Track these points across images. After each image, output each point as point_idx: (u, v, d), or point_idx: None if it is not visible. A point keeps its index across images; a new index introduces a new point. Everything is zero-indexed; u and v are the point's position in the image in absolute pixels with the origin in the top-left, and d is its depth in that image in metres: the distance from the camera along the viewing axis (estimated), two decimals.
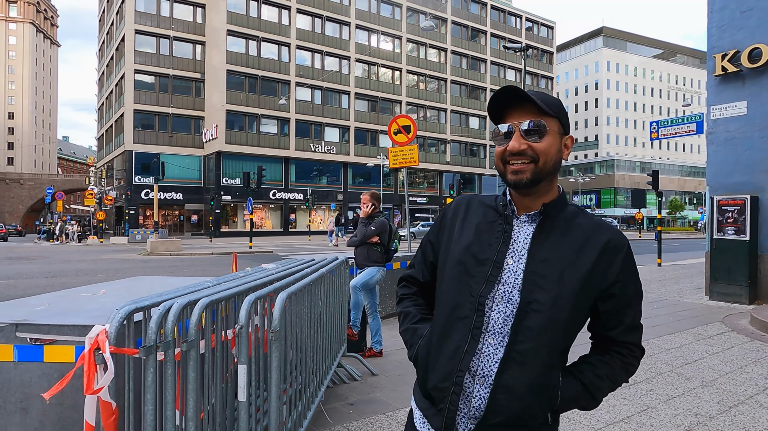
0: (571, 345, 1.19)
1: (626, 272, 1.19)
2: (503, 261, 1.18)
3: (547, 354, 1.13)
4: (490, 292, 1.16)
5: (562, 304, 1.12)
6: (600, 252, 1.16)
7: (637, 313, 1.22)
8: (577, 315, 1.16)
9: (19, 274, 13.34)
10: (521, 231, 1.20)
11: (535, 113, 1.17)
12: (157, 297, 1.99)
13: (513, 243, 1.19)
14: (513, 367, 1.12)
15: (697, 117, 11.75)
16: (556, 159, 1.20)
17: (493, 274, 1.17)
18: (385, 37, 46.83)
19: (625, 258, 1.19)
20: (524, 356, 1.12)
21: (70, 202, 75.18)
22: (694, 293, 9.51)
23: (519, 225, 1.21)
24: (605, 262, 1.17)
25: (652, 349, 5.46)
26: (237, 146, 38.85)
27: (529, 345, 1.12)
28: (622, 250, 1.19)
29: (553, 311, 1.12)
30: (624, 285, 1.19)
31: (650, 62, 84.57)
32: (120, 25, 41.87)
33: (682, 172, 79.11)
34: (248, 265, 4.41)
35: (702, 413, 3.67)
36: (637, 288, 1.22)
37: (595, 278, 1.16)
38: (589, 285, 1.15)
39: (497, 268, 1.17)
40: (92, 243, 31.34)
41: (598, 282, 1.17)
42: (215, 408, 2.21)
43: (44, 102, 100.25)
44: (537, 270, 1.14)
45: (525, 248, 1.18)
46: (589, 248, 1.16)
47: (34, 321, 2.23)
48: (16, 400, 2.21)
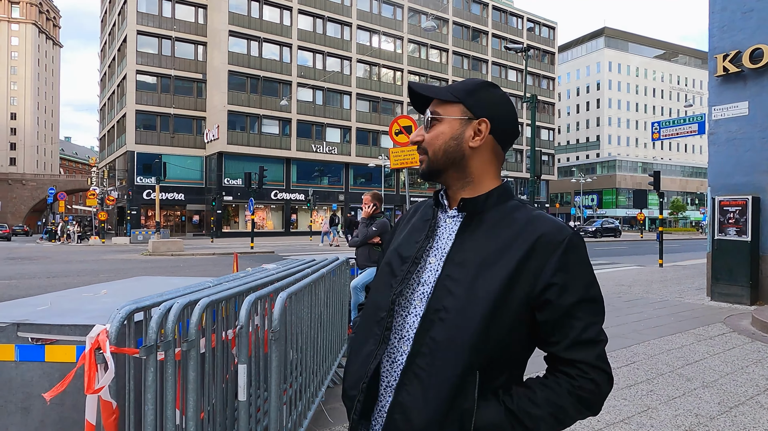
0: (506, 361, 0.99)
1: (564, 274, 0.97)
2: (423, 259, 1.06)
3: (453, 371, 0.95)
4: (407, 291, 1.05)
5: (471, 313, 0.95)
6: (528, 250, 0.98)
7: (588, 325, 0.98)
8: (499, 326, 0.96)
9: (21, 274, 13.37)
10: (447, 227, 1.08)
11: (437, 102, 1.09)
12: (157, 297, 1.99)
13: (438, 239, 1.07)
14: (413, 382, 0.97)
15: (698, 117, 11.74)
16: (452, 147, 1.06)
17: (410, 271, 1.05)
18: (386, 38, 46.85)
19: (563, 257, 0.98)
20: (426, 371, 0.96)
21: (72, 202, 75.31)
22: (696, 294, 9.50)
23: (447, 220, 1.09)
24: (535, 262, 0.97)
25: (653, 350, 5.46)
26: (238, 146, 38.89)
27: (430, 359, 0.96)
28: (558, 246, 0.98)
29: (461, 320, 0.96)
30: (561, 289, 0.97)
31: (652, 63, 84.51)
32: (122, 25, 41.95)
33: (684, 173, 79.06)
34: (249, 266, 4.42)
35: (703, 414, 3.67)
36: (586, 294, 0.98)
37: (520, 281, 0.97)
38: (512, 291, 0.96)
39: (415, 265, 1.05)
40: (94, 244, 31.39)
41: (526, 287, 0.97)
42: (215, 407, 2.22)
43: (46, 102, 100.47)
44: (451, 273, 1.00)
45: (448, 247, 1.05)
46: (516, 246, 0.99)
47: (36, 321, 2.24)
48: (18, 400, 2.22)
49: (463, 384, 0.95)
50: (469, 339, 0.95)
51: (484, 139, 1.05)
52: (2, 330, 2.21)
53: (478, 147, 1.06)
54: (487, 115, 1.06)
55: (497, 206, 1.05)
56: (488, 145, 1.07)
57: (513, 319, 0.97)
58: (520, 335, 0.99)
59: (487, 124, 1.05)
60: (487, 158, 1.08)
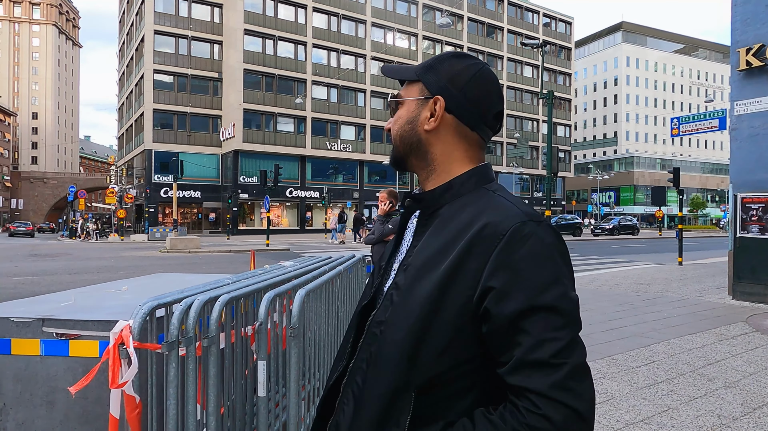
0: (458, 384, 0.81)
1: (504, 274, 0.76)
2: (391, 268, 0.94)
3: (384, 390, 0.82)
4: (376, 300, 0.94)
5: (400, 326, 0.82)
6: (467, 246, 0.79)
7: (540, 342, 0.73)
8: (434, 340, 0.79)
9: (44, 271, 13.65)
10: (410, 229, 0.96)
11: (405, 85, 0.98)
12: (178, 294, 2.02)
13: (403, 244, 0.96)
14: (350, 401, 0.87)
15: (720, 113, 11.53)
16: (407, 132, 0.93)
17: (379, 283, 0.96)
18: (401, 35, 46.75)
19: (504, 252, 0.77)
20: (360, 388, 0.86)
21: (92, 200, 76.68)
22: (717, 292, 9.33)
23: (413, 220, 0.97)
24: (474, 261, 0.78)
25: (673, 349, 5.38)
26: (254, 145, 39.18)
27: (364, 376, 0.86)
28: (498, 239, 0.77)
29: (392, 333, 0.83)
30: (500, 294, 0.76)
31: (671, 57, 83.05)
32: (139, 25, 42.51)
33: (704, 169, 77.64)
34: (266, 263, 4.45)
35: (725, 414, 3.60)
36: (535, 300, 0.75)
37: (457, 286, 0.79)
38: (446, 298, 0.79)
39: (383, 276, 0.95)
40: (113, 241, 31.93)
41: (465, 292, 0.78)
42: (235, 403, 2.24)
43: (66, 102, 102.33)
44: (398, 281, 0.87)
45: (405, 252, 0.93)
46: (457, 243, 0.81)
47: (60, 316, 2.28)
48: (43, 394, 2.27)
49: (392, 407, 0.81)
50: (398, 355, 0.81)
51: (439, 119, 0.90)
52: (28, 326, 2.26)
53: (435, 129, 0.90)
54: (443, 92, 0.90)
55: (461, 197, 0.88)
56: (448, 126, 0.91)
57: (452, 332, 0.79)
58: (470, 352, 0.79)
59: (441, 101, 0.90)
60: (450, 141, 0.91)
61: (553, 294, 0.75)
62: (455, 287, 0.79)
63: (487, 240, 0.78)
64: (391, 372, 0.81)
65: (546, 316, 0.74)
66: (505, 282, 0.76)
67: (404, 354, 0.80)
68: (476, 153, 0.93)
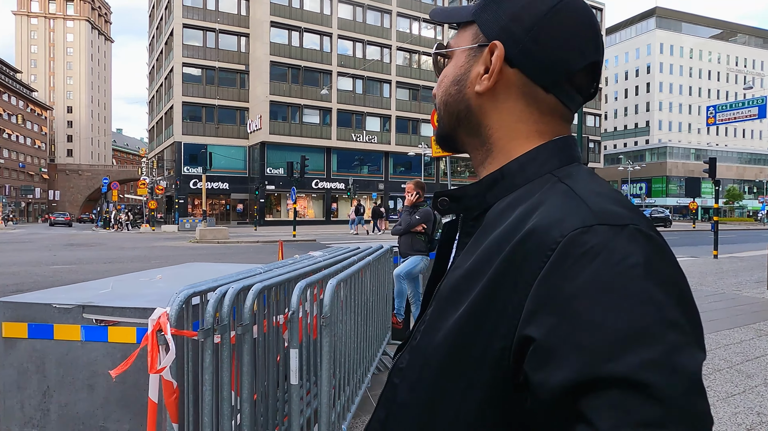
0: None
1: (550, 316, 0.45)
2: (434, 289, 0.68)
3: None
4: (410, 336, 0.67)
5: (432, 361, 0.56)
6: (503, 265, 0.51)
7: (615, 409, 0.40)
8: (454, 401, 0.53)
9: (80, 260, 14.11)
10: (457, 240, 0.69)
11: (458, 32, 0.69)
12: (212, 283, 2.05)
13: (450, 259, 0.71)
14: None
15: (759, 100, 11.08)
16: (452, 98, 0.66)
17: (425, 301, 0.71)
18: (426, 24, 46.29)
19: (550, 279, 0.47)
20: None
21: (124, 191, 78.81)
22: (755, 287, 9.02)
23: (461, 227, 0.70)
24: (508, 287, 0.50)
25: (709, 344, 5.23)
26: (280, 136, 39.52)
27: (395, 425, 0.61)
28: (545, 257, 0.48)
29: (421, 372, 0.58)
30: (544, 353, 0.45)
31: (707, 43, 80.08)
32: (169, 19, 43.19)
33: (741, 160, 74.95)
34: (293, 253, 4.50)
35: (765, 412, 3.49)
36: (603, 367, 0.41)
37: (482, 331, 0.51)
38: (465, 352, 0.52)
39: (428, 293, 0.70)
40: (144, 231, 32.77)
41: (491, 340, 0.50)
42: (267, 390, 2.27)
43: (99, 96, 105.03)
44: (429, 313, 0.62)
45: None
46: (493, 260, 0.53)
47: (99, 303, 2.35)
48: (84, 377, 2.34)
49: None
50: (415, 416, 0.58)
51: (495, 76, 0.61)
52: (69, 312, 2.33)
53: (490, 90, 0.62)
54: (503, 35, 0.61)
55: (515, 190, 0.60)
56: (510, 85, 0.62)
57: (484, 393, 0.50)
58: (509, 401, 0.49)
59: (500, 49, 0.61)
60: (512, 108, 0.62)
61: (640, 356, 0.41)
62: (481, 334, 0.51)
63: (530, 257, 0.49)
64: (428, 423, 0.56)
65: (621, 397, 0.40)
66: (549, 332, 0.45)
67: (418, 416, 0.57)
68: (553, 126, 0.63)
